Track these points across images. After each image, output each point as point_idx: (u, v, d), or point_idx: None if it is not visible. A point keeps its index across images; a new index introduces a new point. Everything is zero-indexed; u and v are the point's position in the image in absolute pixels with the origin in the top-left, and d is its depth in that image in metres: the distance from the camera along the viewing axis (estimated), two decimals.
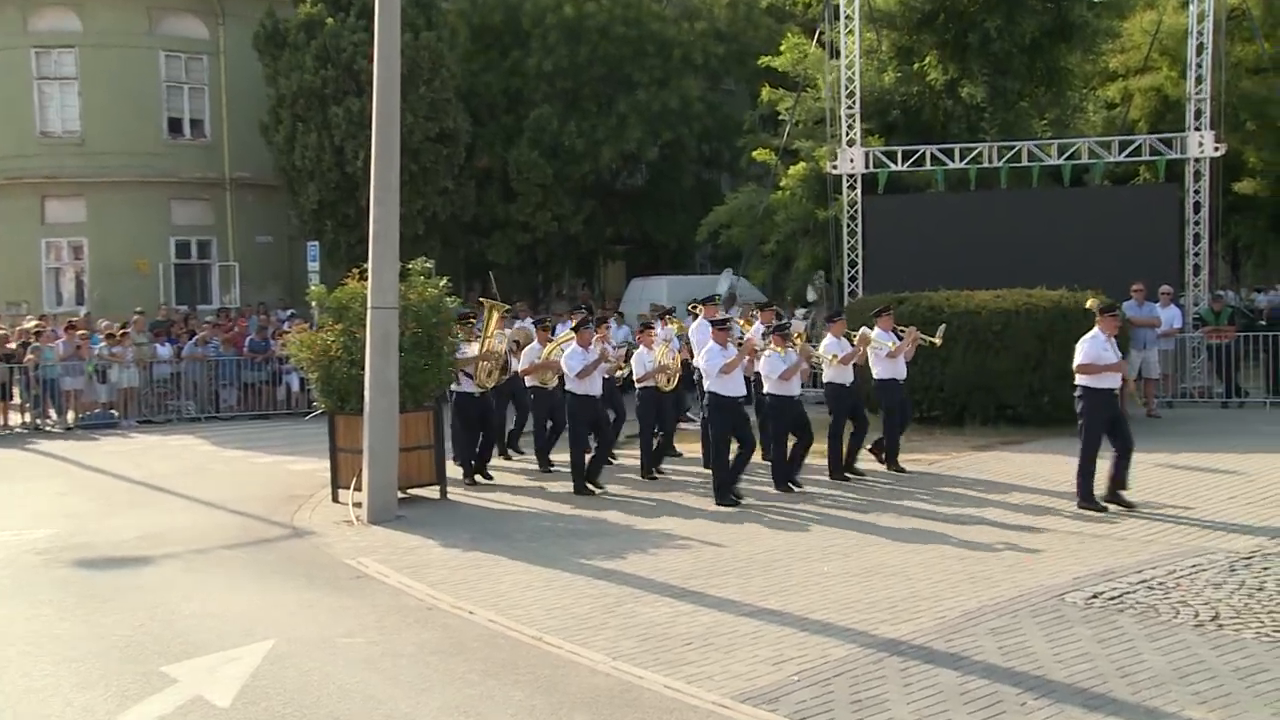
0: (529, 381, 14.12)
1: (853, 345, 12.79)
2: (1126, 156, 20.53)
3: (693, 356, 14.09)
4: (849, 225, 21.09)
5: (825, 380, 12.85)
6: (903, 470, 13.10)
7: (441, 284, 13.12)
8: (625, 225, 30.96)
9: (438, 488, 12.77)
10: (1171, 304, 18.51)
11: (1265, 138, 25.17)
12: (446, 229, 26.89)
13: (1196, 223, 19.95)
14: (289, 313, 24.23)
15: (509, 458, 15.28)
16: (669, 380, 13.48)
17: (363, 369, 11.80)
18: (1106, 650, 6.93)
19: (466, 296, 27.13)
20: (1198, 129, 19.82)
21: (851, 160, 20.87)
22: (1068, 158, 20.43)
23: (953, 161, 20.57)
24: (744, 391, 11.93)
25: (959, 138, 21.93)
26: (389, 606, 8.47)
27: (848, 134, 20.91)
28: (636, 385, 13.37)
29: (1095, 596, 8.02)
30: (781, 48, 24.37)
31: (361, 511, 11.59)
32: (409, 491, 12.52)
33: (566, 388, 12.74)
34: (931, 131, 22.70)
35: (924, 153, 20.75)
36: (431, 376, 12.75)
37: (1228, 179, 23.20)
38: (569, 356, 12.64)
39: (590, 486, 12.57)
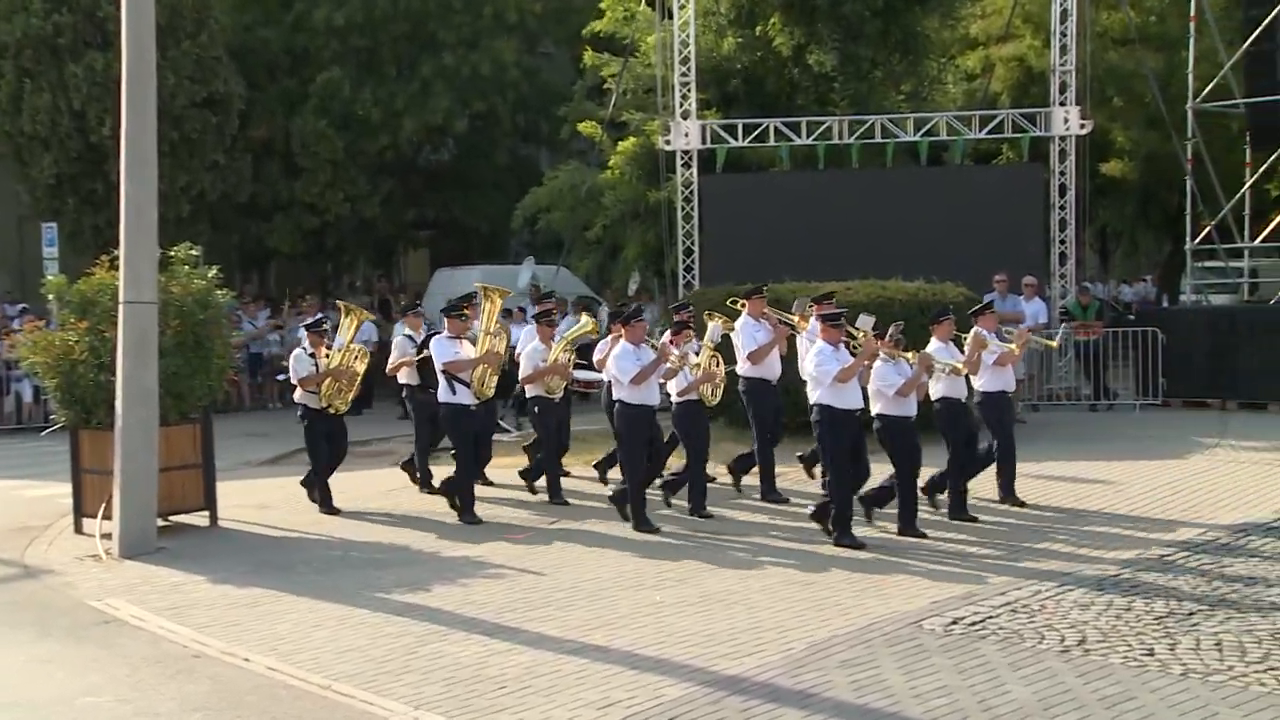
0: (530, 392, 13.32)
1: (962, 351, 12.02)
2: (988, 133, 21.37)
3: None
4: (683, 208, 21.35)
5: (936, 395, 11.85)
6: (1022, 504, 12.22)
7: (211, 274, 12.82)
8: (430, 208, 30.64)
9: (207, 513, 12.49)
10: (1036, 297, 19.34)
11: (1133, 115, 26.51)
12: (217, 210, 26.11)
13: (1063, 207, 20.90)
14: (19, 307, 23.13)
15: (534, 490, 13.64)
16: (714, 392, 12.43)
17: (113, 375, 11.47)
18: (967, 681, 7.18)
19: (241, 289, 26.47)
20: (1063, 104, 20.77)
21: (686, 135, 21.13)
22: (925, 134, 21.12)
23: (799, 137, 21.04)
24: (862, 403, 10.99)
25: (806, 110, 22.44)
26: (145, 657, 8.19)
27: (681, 106, 21.17)
28: (675, 400, 12.17)
29: (955, 622, 8.30)
30: (603, 6, 24.51)
31: (112, 544, 11.25)
32: (172, 519, 12.21)
33: (616, 396, 11.88)
34: (776, 104, 23.16)
35: (767, 127, 21.16)
36: (199, 383, 12.46)
37: (1095, 159, 24.38)
38: (618, 357, 11.64)
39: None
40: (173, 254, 12.68)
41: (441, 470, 13.21)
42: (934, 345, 11.78)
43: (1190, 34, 22.07)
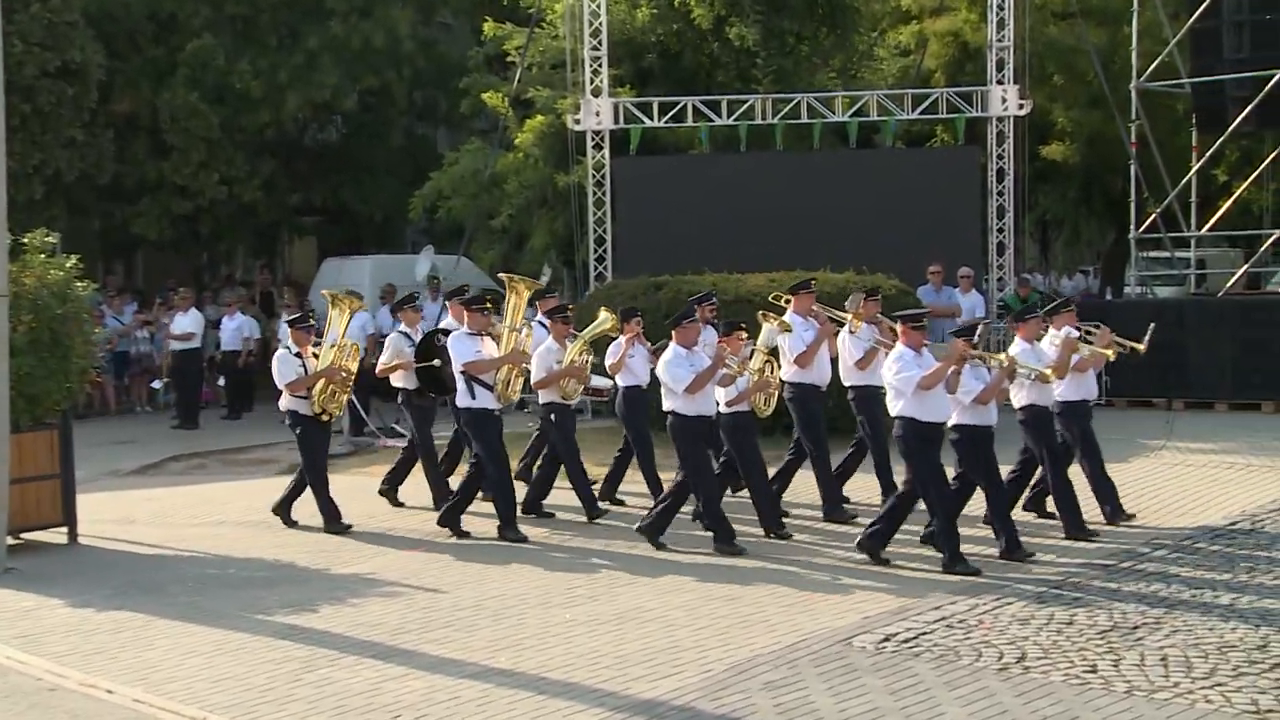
0: (544, 397, 12.79)
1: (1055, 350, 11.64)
2: (921, 114, 21.63)
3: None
4: (595, 193, 21.36)
5: (1021, 403, 11.55)
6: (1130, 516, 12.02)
7: (70, 264, 12.60)
8: (316, 192, 30.29)
9: (65, 529, 12.27)
10: (973, 289, 19.63)
11: (1074, 94, 26.96)
12: (75, 192, 25.59)
13: (1000, 193, 21.22)
14: None
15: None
16: (768, 401, 12.04)
17: None
18: (899, 703, 7.26)
19: (105, 281, 25.99)
20: (1000, 83, 21.09)
21: (597, 114, 21.14)
22: (854, 114, 21.32)
23: (720, 117, 21.13)
24: (950, 414, 10.63)
25: (727, 88, 22.55)
26: None
27: (592, 82, 21.18)
28: (723, 410, 11.66)
29: (887, 639, 8.40)
30: None
31: None
32: (24, 536, 11.97)
33: (668, 408, 11.39)
34: (695, 81, 23.25)
35: (685, 106, 21.23)
36: (56, 385, 12.22)
37: (1035, 142, 24.78)
38: (670, 363, 11.21)
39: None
40: (25, 241, 12.42)
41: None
42: (1018, 347, 11.41)
43: (1133, 7, 22.48)
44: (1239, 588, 9.53)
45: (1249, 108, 20.73)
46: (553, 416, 12.73)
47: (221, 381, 22.73)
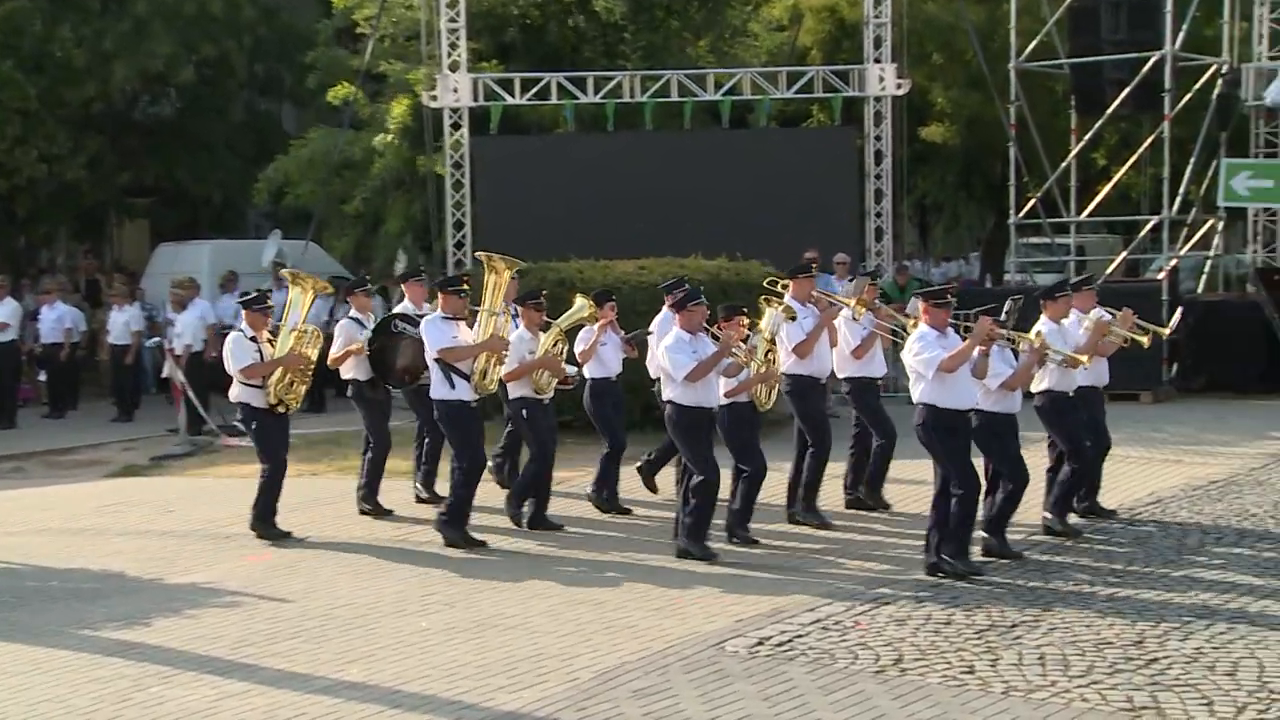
0: (514, 391, 12.16)
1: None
2: (796, 92, 21.89)
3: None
4: (453, 175, 21.25)
5: (1041, 388, 11.30)
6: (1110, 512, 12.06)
7: None
8: (149, 171, 29.69)
9: None
10: (850, 276, 19.89)
11: (953, 74, 27.54)
12: None
13: (878, 175, 21.58)
14: None
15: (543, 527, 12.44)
16: (769, 394, 11.73)
17: None
18: (773, 709, 7.35)
19: None
20: (878, 61, 21.43)
21: (455, 90, 21.02)
22: (726, 92, 21.51)
23: (585, 94, 21.16)
24: (976, 401, 10.32)
25: (593, 64, 22.60)
26: None
27: (450, 56, 21.06)
28: (722, 401, 11.29)
29: (760, 643, 8.49)
30: None
31: None
32: None
33: (667, 397, 11.03)
34: (559, 56, 23.26)
35: (549, 82, 21.22)
36: None
37: (914, 123, 25.23)
38: (672, 349, 10.81)
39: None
40: None
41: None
42: (1045, 327, 11.05)
43: None
44: (1117, 582, 9.82)
45: (1126, 90, 21.34)
46: (524, 412, 12.11)
47: (42, 377, 22.14)
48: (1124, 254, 22.99)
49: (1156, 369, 18.63)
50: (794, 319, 11.72)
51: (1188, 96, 21.95)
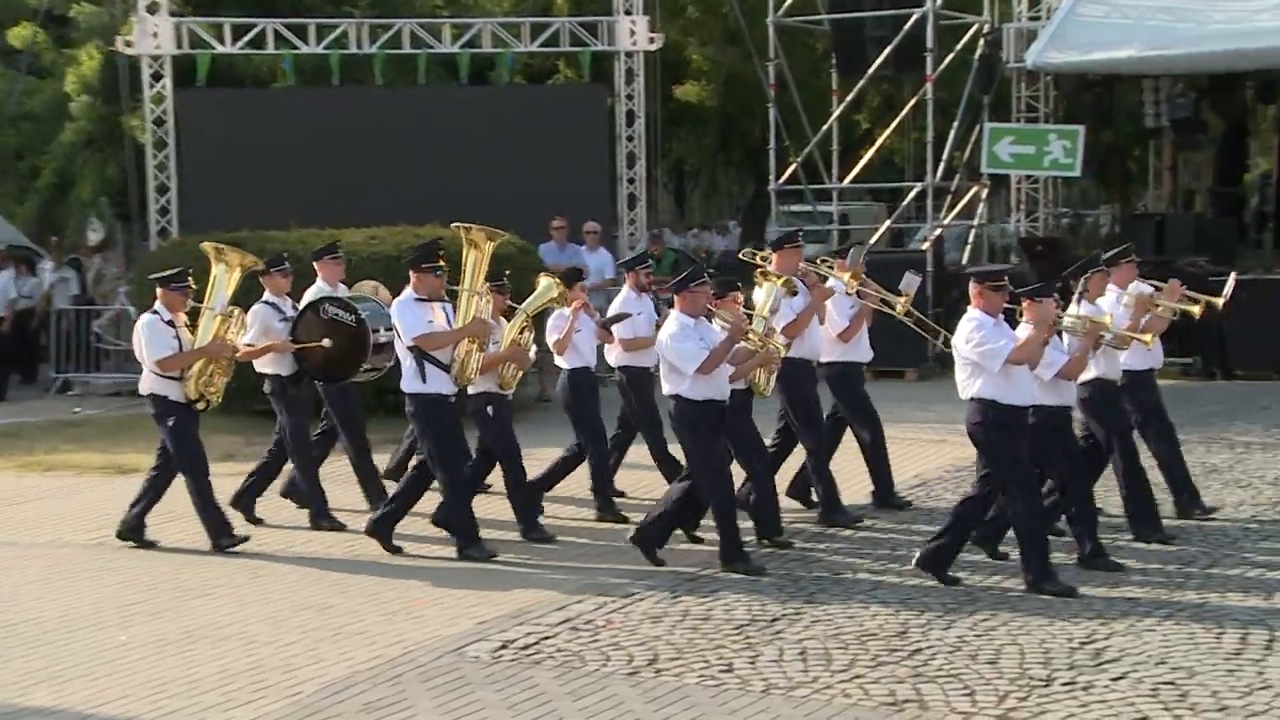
0: (476, 386, 11.40)
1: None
2: (541, 46, 21.90)
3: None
4: (155, 133, 20.65)
5: (1089, 376, 10.69)
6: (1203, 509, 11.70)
7: None
8: None
9: None
10: (600, 246, 20.03)
11: (709, 28, 27.96)
12: None
13: (631, 137, 21.76)
14: None
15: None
16: (769, 380, 11.23)
17: None
18: (518, 718, 7.39)
19: None
20: (628, 13, 21.57)
21: (155, 36, 20.38)
22: (464, 45, 21.40)
23: (306, 43, 20.82)
24: (1036, 395, 9.96)
25: (316, 11, 22.30)
26: None
27: None
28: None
29: (504, 647, 8.52)
30: None
31: None
32: None
33: (672, 391, 10.47)
34: (276, 0, 22.81)
35: (264, 30, 20.80)
36: None
37: (668, 81, 25.54)
38: (677, 337, 10.31)
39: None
40: None
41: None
42: (1081, 307, 10.69)
43: None
44: (881, 569, 10.15)
45: (888, 49, 21.96)
46: (489, 409, 11.62)
47: None
48: (888, 222, 23.68)
49: (922, 345, 19.23)
50: (795, 294, 11.42)
51: (950, 57, 22.71)
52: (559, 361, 12.26)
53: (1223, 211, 27.23)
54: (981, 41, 23.05)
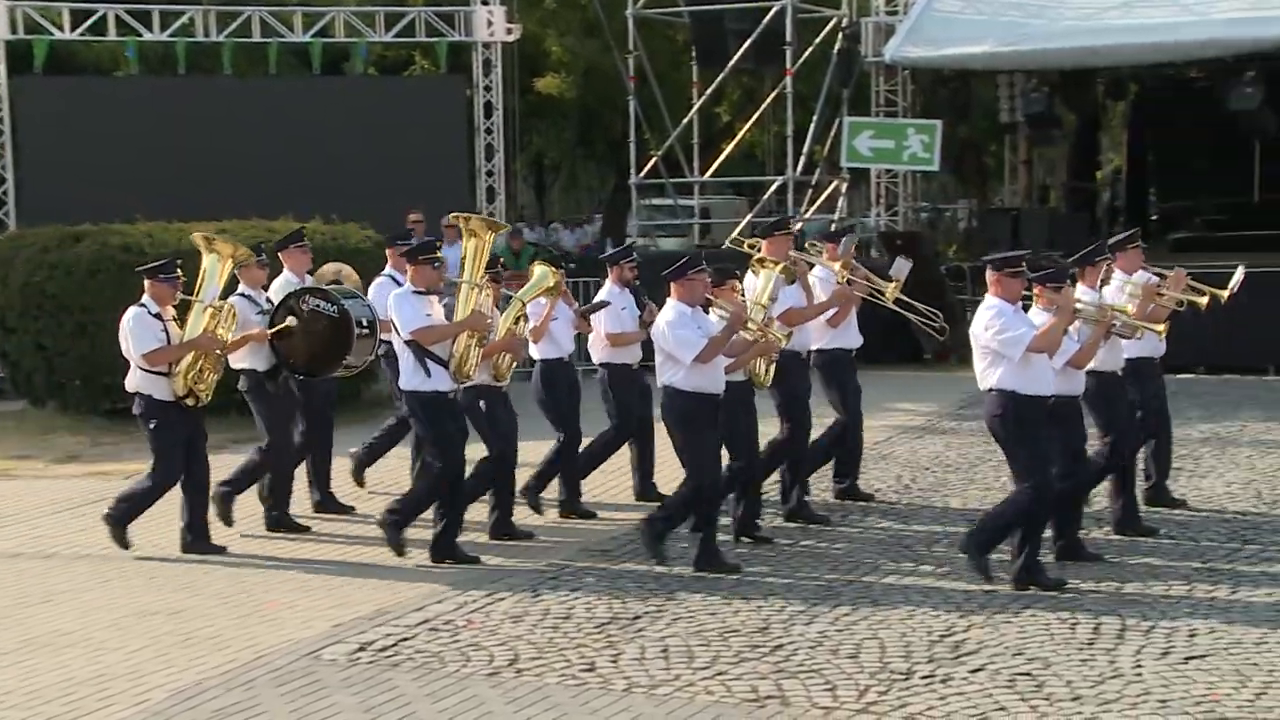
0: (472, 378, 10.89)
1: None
2: (396, 36, 21.76)
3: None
4: None
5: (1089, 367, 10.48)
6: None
7: None
8: None
9: None
10: (458, 241, 19.93)
11: (568, 20, 27.97)
12: None
13: (489, 130, 21.72)
14: None
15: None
16: (768, 370, 11.05)
17: None
18: None
19: None
20: (485, 3, 21.55)
21: None
22: (317, 34, 21.21)
23: (151, 30, 20.53)
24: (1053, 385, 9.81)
25: None
26: None
27: None
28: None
29: (362, 649, 8.46)
30: None
31: None
32: None
33: (667, 381, 10.22)
34: None
35: (105, 15, 20.48)
36: None
37: (527, 73, 25.51)
38: (675, 325, 10.18)
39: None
40: None
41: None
42: (1083, 294, 10.50)
43: None
44: (743, 562, 10.23)
45: (748, 42, 22.15)
46: (481, 403, 11.29)
47: None
48: (749, 216, 23.86)
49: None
50: (794, 282, 11.31)
51: (809, 51, 22.96)
52: (533, 351, 11.98)
53: (1077, 206, 27.91)
54: (840, 35, 23.33)
